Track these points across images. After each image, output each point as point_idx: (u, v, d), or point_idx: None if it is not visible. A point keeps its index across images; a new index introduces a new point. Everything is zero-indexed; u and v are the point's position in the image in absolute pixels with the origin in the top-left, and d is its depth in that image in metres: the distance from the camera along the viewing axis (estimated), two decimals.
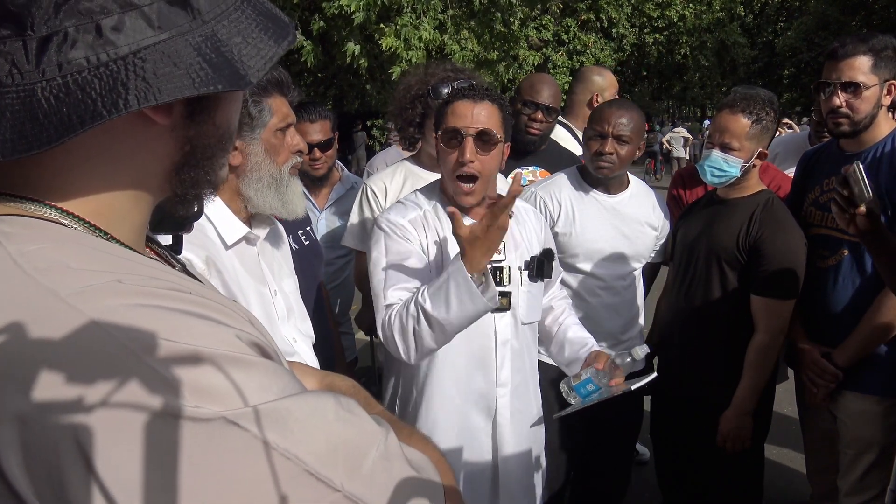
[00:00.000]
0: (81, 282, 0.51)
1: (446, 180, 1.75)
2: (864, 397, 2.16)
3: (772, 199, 2.26)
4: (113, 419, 0.47)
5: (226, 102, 0.64)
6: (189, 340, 0.50)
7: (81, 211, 0.58)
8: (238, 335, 0.54)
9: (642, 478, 3.27)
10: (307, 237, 2.14)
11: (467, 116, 1.68)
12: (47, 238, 0.55)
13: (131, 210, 0.63)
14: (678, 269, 2.44)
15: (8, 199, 0.57)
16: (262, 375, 0.53)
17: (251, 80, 0.59)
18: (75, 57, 0.52)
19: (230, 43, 0.58)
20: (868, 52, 2.09)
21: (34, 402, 0.47)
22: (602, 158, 2.26)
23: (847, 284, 2.16)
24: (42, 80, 0.52)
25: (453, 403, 1.76)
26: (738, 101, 2.21)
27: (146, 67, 0.53)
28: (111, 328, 0.49)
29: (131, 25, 0.53)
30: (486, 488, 1.80)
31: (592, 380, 1.69)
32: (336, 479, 0.53)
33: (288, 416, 0.52)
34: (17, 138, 0.52)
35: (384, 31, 6.66)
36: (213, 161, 0.66)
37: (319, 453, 0.53)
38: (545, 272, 1.83)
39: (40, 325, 0.49)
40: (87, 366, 0.48)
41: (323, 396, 0.57)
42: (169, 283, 0.55)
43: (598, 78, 3.24)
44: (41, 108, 0.52)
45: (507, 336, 1.77)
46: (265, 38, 0.60)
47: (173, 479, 0.47)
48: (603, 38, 20.40)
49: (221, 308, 0.56)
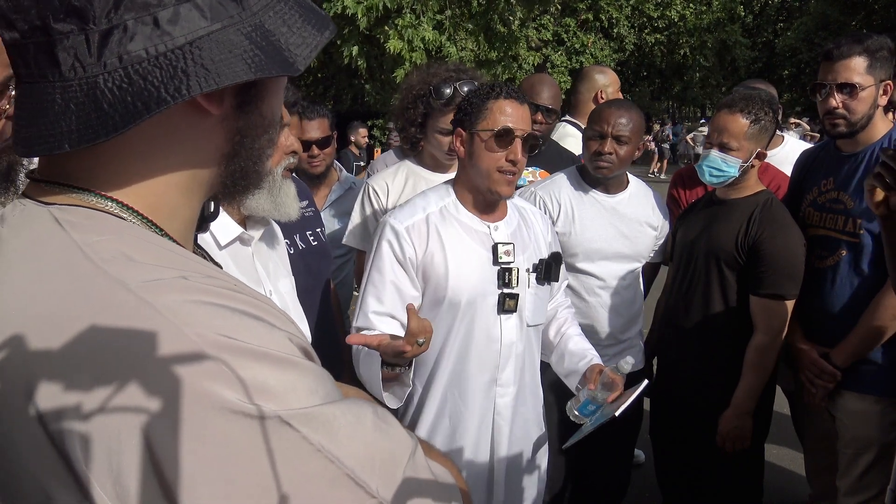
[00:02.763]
0: (148, 275, 0.53)
1: (484, 175, 1.73)
2: (863, 397, 2.16)
3: (771, 199, 2.26)
4: (176, 411, 0.48)
5: (271, 93, 0.66)
6: (250, 340, 0.52)
7: (138, 205, 0.60)
8: (290, 338, 0.56)
9: (642, 478, 3.28)
10: (316, 238, 2.14)
11: (519, 118, 1.71)
12: (110, 230, 0.56)
13: (183, 205, 0.64)
14: (677, 269, 2.44)
15: (68, 190, 0.58)
16: (310, 379, 0.54)
17: (300, 67, 0.61)
18: (135, 49, 0.54)
19: (277, 32, 0.60)
20: (863, 52, 2.09)
21: (103, 391, 0.48)
22: (601, 158, 2.26)
23: (845, 285, 2.16)
24: (104, 73, 0.53)
25: (455, 403, 1.77)
26: (737, 101, 2.21)
27: (203, 55, 0.55)
28: (179, 322, 0.50)
29: (186, 17, 0.55)
30: (481, 489, 1.81)
31: (590, 400, 1.71)
32: (373, 485, 0.54)
33: (333, 421, 0.53)
34: (83, 128, 0.54)
35: (388, 33, 6.68)
36: (261, 153, 0.68)
37: (360, 459, 0.54)
38: (553, 275, 1.84)
39: (110, 315, 0.50)
40: (154, 358, 0.49)
41: (363, 405, 0.58)
42: (226, 283, 0.57)
43: (600, 76, 3.28)
44: (105, 98, 0.53)
45: (513, 338, 1.78)
46: (308, 28, 0.62)
47: (227, 471, 0.49)
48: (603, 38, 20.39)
49: (272, 310, 0.58)
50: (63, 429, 0.49)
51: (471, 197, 1.79)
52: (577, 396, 1.76)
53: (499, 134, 1.69)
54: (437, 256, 1.74)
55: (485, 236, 1.78)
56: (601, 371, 1.73)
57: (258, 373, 0.51)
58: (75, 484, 0.49)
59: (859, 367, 2.14)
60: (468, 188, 1.79)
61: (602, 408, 1.69)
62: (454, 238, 1.76)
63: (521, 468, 1.86)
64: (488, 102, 1.72)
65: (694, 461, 2.45)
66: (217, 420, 0.48)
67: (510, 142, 1.68)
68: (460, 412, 1.77)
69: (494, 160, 1.70)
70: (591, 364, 1.82)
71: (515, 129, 1.68)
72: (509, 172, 1.70)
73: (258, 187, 0.72)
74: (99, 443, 0.48)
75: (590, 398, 1.70)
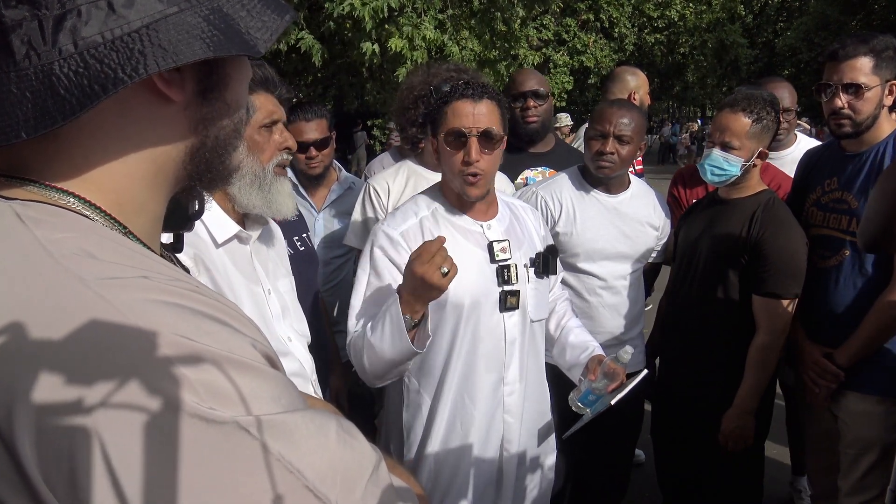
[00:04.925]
0: (108, 272, 0.52)
1: (451, 178, 1.76)
2: (866, 397, 2.16)
3: (773, 198, 2.26)
4: (128, 412, 0.47)
5: (235, 81, 0.66)
6: (210, 343, 0.50)
7: (102, 201, 0.59)
8: (253, 344, 0.54)
9: (642, 478, 3.28)
10: (303, 243, 2.13)
11: (469, 116, 1.68)
12: (73, 228, 0.55)
13: (149, 199, 0.63)
14: (679, 269, 2.44)
15: (33, 186, 0.57)
16: (273, 386, 0.53)
17: (261, 50, 0.60)
18: (90, 33, 0.53)
19: (236, 16, 0.60)
20: (869, 52, 2.09)
21: (53, 389, 0.47)
22: (603, 158, 2.26)
23: (848, 285, 2.16)
24: (59, 59, 0.53)
25: (465, 406, 1.76)
26: (739, 100, 2.21)
27: (161, 37, 0.55)
28: (136, 321, 0.49)
29: (141, 0, 0.55)
30: (491, 487, 1.80)
31: (590, 391, 1.71)
32: (332, 498, 0.52)
33: (294, 431, 0.52)
34: (39, 115, 0.52)
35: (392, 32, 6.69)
36: (227, 145, 0.67)
37: (320, 471, 0.53)
38: (550, 268, 1.84)
39: (65, 312, 0.49)
40: (107, 357, 0.48)
41: (326, 416, 0.57)
42: (189, 286, 0.55)
43: (632, 77, 3.34)
44: (61, 83, 0.52)
45: (516, 335, 1.77)
46: (268, 12, 0.62)
47: (179, 475, 0.47)
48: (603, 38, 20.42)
49: (237, 315, 0.56)
50: (12, 427, 0.46)
51: (457, 199, 1.79)
52: (579, 387, 1.76)
53: (451, 136, 1.70)
54: None
55: (479, 236, 1.78)
56: (601, 361, 1.73)
57: (218, 377, 0.49)
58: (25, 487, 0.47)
59: (862, 368, 2.14)
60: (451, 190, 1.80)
61: (602, 398, 1.70)
62: (449, 240, 1.73)
63: (529, 465, 1.86)
64: (445, 106, 1.73)
65: (694, 461, 2.45)
66: (174, 423, 0.47)
67: (464, 143, 1.68)
68: (471, 415, 1.76)
69: (455, 163, 1.70)
70: (592, 355, 1.82)
71: (466, 128, 1.68)
72: (469, 174, 1.69)
73: (226, 182, 0.71)
74: (49, 443, 0.46)
75: (590, 388, 1.71)
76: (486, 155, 1.69)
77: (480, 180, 1.70)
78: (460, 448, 1.76)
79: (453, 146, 1.70)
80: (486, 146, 1.69)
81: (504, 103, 1.77)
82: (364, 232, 2.37)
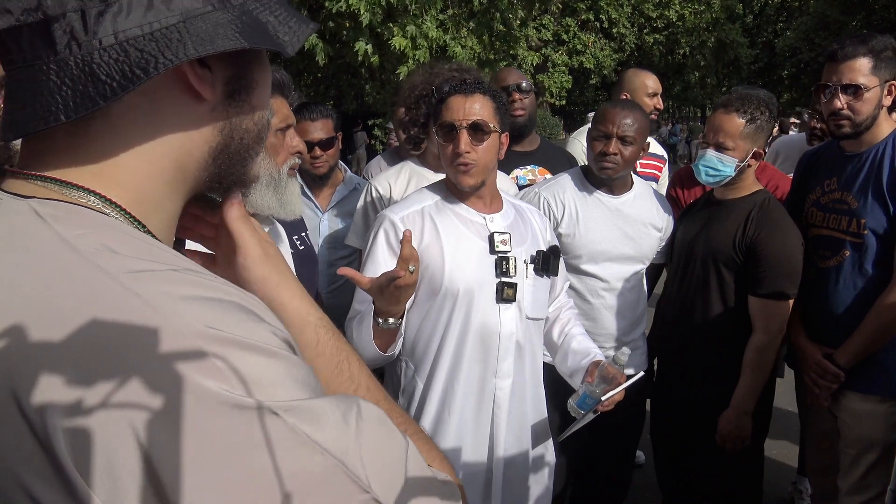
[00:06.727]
0: (134, 266, 0.53)
1: (447, 170, 1.83)
2: (866, 397, 2.17)
3: (768, 199, 2.27)
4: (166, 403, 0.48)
5: (261, 87, 0.68)
6: (238, 331, 0.52)
7: (122, 198, 0.60)
8: (275, 332, 0.55)
9: (642, 478, 3.28)
10: (302, 243, 2.14)
11: (460, 110, 1.76)
12: (91, 225, 0.56)
13: (168, 198, 0.64)
14: (676, 270, 2.45)
15: (52, 183, 0.58)
16: (299, 372, 0.54)
17: (289, 51, 0.63)
18: (129, 26, 0.55)
19: (265, 20, 0.63)
20: (868, 53, 2.09)
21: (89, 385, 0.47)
22: (606, 159, 2.26)
23: (849, 285, 2.17)
24: (100, 49, 0.55)
25: (455, 395, 1.77)
26: (733, 100, 2.22)
27: (198, 30, 0.58)
28: (166, 313, 0.50)
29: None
30: (478, 483, 1.80)
31: (588, 394, 1.72)
32: (364, 479, 0.54)
33: (322, 415, 0.53)
34: (80, 99, 0.54)
35: (393, 30, 6.69)
36: (249, 149, 0.69)
37: (354, 454, 0.54)
38: (551, 268, 1.86)
39: (96, 306, 0.50)
40: (141, 350, 0.48)
41: (352, 400, 0.58)
42: (211, 278, 0.56)
43: (649, 81, 3.37)
44: (102, 69, 0.54)
45: (512, 329, 1.78)
46: (293, 20, 0.65)
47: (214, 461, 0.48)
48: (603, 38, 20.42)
49: (257, 304, 0.57)
50: (48, 424, 0.47)
51: (459, 192, 1.84)
52: (577, 391, 1.78)
53: (443, 129, 1.78)
54: (433, 246, 1.77)
55: (481, 227, 1.82)
56: (600, 365, 1.75)
57: (247, 363, 0.50)
58: (61, 482, 0.47)
59: (863, 368, 2.14)
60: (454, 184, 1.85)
61: (598, 400, 1.71)
62: (450, 228, 1.80)
63: (520, 464, 1.86)
64: (441, 104, 1.82)
65: (694, 461, 2.45)
66: (208, 411, 0.48)
67: (453, 135, 1.75)
68: (461, 405, 1.77)
69: (447, 154, 1.78)
70: (592, 360, 1.83)
71: (457, 121, 1.75)
72: (460, 164, 1.75)
73: (243, 187, 0.72)
74: (87, 438, 0.47)
75: (588, 392, 1.72)
76: (477, 146, 1.75)
77: (472, 169, 1.76)
78: (448, 437, 1.77)
79: (445, 139, 1.78)
80: (476, 137, 1.75)
81: (501, 98, 1.82)
82: (366, 232, 2.37)
